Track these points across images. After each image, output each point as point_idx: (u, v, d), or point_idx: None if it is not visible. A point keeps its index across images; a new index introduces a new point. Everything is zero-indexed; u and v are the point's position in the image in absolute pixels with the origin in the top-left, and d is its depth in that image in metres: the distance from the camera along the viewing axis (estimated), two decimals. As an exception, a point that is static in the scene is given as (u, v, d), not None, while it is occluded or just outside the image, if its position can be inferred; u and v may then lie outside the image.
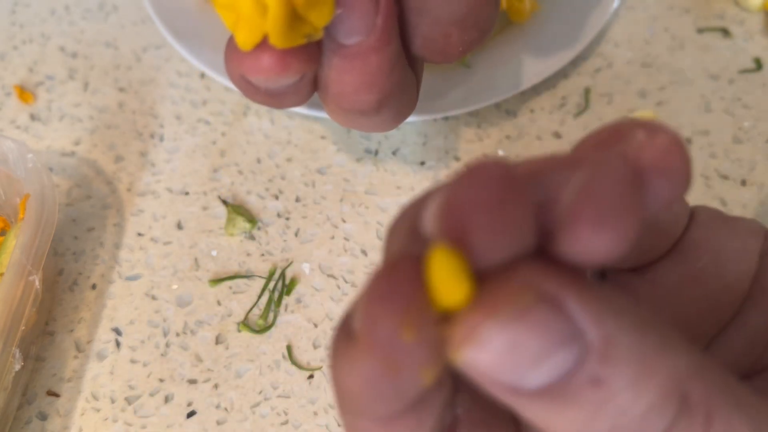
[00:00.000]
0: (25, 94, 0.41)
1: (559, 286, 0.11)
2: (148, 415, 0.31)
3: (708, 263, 0.17)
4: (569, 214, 0.11)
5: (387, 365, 0.12)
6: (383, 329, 0.11)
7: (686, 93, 0.39)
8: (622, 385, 0.11)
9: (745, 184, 0.36)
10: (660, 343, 0.12)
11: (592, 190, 0.11)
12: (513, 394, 0.12)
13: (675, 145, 0.12)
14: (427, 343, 0.11)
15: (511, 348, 0.11)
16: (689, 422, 0.12)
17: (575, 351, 0.11)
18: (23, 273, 0.29)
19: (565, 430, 0.12)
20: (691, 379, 0.12)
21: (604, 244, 0.11)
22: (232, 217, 0.36)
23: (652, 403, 0.11)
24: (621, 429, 0.12)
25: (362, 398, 0.13)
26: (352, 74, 0.22)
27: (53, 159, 0.39)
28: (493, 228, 0.11)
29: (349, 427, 0.14)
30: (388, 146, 0.38)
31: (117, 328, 0.34)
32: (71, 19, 0.44)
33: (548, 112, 0.39)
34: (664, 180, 0.12)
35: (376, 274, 0.12)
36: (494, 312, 0.11)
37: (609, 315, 0.11)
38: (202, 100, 0.41)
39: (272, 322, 0.33)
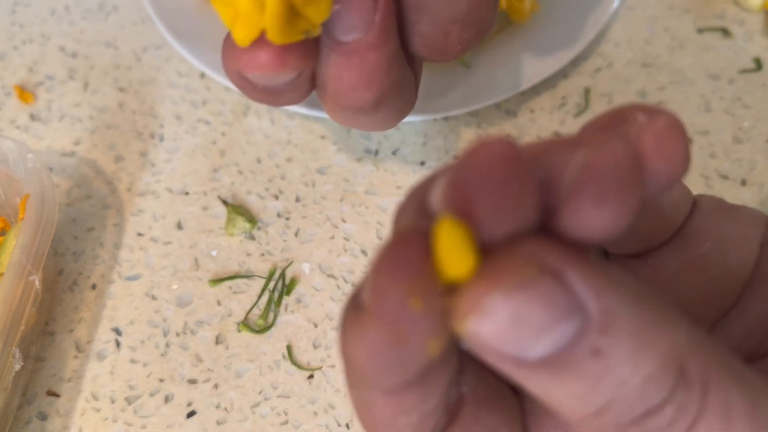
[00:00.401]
0: (25, 94, 0.41)
1: (561, 261, 0.12)
2: (148, 415, 0.31)
3: (709, 250, 0.17)
4: (571, 191, 0.12)
5: (394, 335, 0.12)
6: (391, 299, 0.12)
7: (686, 93, 0.39)
8: (622, 356, 0.12)
9: (745, 184, 0.36)
10: (659, 317, 0.12)
11: (593, 168, 0.12)
12: (515, 365, 0.12)
13: (674, 128, 0.13)
14: (434, 313, 0.12)
15: (515, 319, 0.11)
16: (687, 393, 0.12)
17: (576, 323, 0.11)
18: (23, 273, 0.29)
19: (566, 401, 0.12)
20: (689, 353, 0.12)
21: (603, 219, 0.12)
22: (232, 217, 0.36)
23: (650, 374, 0.12)
24: (620, 400, 0.12)
25: (369, 369, 0.13)
26: (350, 71, 0.22)
27: (53, 159, 0.39)
28: (497, 202, 0.11)
29: (356, 401, 0.15)
30: (388, 146, 0.38)
31: (117, 328, 0.34)
32: (71, 19, 0.44)
33: (548, 112, 0.39)
34: (663, 161, 0.13)
35: (385, 246, 0.12)
36: (498, 283, 0.11)
37: (609, 289, 0.12)
38: (202, 100, 0.41)
39: (272, 322, 0.33)
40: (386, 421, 0.14)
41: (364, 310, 0.13)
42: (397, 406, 0.14)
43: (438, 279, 0.12)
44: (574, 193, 0.12)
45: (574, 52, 0.39)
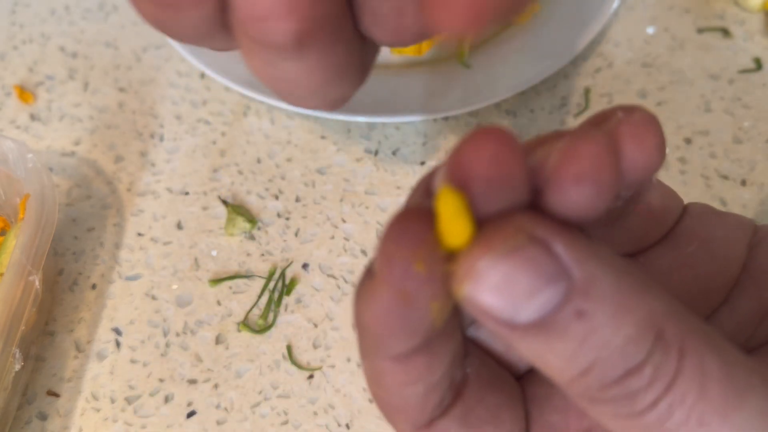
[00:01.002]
0: (25, 94, 0.41)
1: (548, 231, 0.13)
2: (148, 415, 0.31)
3: (697, 249, 0.18)
4: (554, 171, 0.13)
5: (401, 296, 0.13)
6: (397, 264, 0.13)
7: (686, 93, 0.39)
8: (603, 318, 0.13)
9: (745, 184, 0.36)
10: (638, 286, 0.13)
11: (573, 151, 0.13)
12: (508, 328, 0.13)
13: (648, 120, 0.14)
14: (435, 277, 0.13)
15: (505, 283, 0.12)
16: (664, 356, 0.13)
17: (562, 287, 0.13)
18: (23, 273, 0.29)
19: (555, 363, 0.13)
20: (666, 319, 0.13)
21: (583, 196, 0.13)
22: (232, 217, 0.36)
23: (629, 336, 0.13)
24: (603, 360, 0.13)
25: (379, 331, 0.14)
26: None
27: (53, 159, 0.39)
28: (491, 177, 0.13)
29: (368, 372, 0.16)
30: (388, 146, 0.38)
31: (117, 328, 0.34)
32: (71, 19, 0.44)
33: (548, 112, 0.39)
34: (638, 148, 0.14)
35: (392, 219, 0.14)
36: (490, 250, 0.13)
37: (592, 258, 0.13)
38: (202, 100, 0.41)
39: (272, 322, 0.33)
40: (395, 391, 0.16)
41: (374, 276, 0.14)
42: (405, 375, 0.15)
43: (440, 247, 0.13)
44: (556, 172, 0.13)
45: (574, 52, 0.39)
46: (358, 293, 0.15)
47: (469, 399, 0.17)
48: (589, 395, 0.13)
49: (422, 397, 0.16)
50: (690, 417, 0.13)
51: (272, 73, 0.19)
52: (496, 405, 0.17)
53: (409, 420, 0.16)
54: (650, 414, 0.13)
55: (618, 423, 0.14)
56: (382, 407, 0.17)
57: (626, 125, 0.14)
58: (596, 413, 0.14)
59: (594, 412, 0.14)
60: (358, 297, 0.15)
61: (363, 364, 0.16)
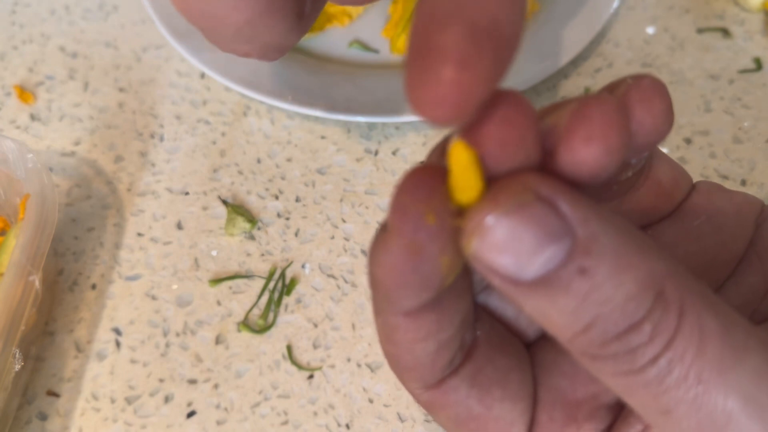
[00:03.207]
0: (25, 94, 0.41)
1: (554, 190, 0.13)
2: (148, 415, 0.31)
3: (704, 222, 0.19)
4: (565, 131, 0.14)
5: (412, 247, 0.14)
6: (410, 214, 0.13)
7: (686, 93, 0.39)
8: (605, 275, 0.13)
9: (745, 184, 0.36)
10: (640, 247, 0.13)
11: (583, 112, 0.14)
12: (513, 285, 0.13)
13: (657, 86, 0.15)
14: (446, 229, 0.13)
15: (510, 239, 0.13)
16: (664, 313, 0.13)
17: (565, 244, 0.13)
18: (23, 273, 0.29)
19: (558, 320, 0.14)
20: (666, 278, 0.13)
21: (593, 154, 0.14)
22: (232, 217, 0.36)
23: (630, 293, 0.13)
24: (605, 316, 0.13)
25: (390, 285, 0.14)
26: None
27: (53, 159, 0.39)
28: (503, 137, 0.13)
29: (381, 328, 0.16)
30: (388, 146, 0.38)
31: (117, 328, 0.34)
32: (71, 19, 0.44)
33: (548, 112, 0.39)
34: (646, 111, 0.15)
35: (407, 173, 0.14)
36: (496, 206, 0.13)
37: (595, 218, 0.13)
38: (202, 100, 0.41)
39: (272, 322, 0.33)
40: (406, 347, 0.16)
41: (387, 230, 0.14)
42: (416, 331, 0.16)
43: (451, 202, 0.13)
44: (567, 132, 0.14)
45: (574, 52, 0.39)
46: (372, 248, 0.15)
47: (478, 360, 0.17)
48: (590, 352, 0.14)
49: (433, 354, 0.16)
50: (689, 374, 0.13)
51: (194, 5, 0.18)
52: (504, 367, 0.17)
53: (419, 378, 0.17)
54: (650, 370, 0.13)
55: (619, 381, 0.14)
56: (393, 365, 0.17)
57: (635, 90, 0.15)
58: (597, 371, 0.14)
59: (595, 369, 0.14)
60: (372, 251, 0.15)
61: (376, 321, 0.16)
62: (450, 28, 0.12)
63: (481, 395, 0.17)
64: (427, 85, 0.12)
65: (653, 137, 0.15)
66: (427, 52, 0.12)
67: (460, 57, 0.12)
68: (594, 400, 0.17)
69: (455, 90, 0.12)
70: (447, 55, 0.12)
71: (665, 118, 0.15)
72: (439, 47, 0.12)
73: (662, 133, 0.15)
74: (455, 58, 0.12)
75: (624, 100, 0.15)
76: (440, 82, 0.12)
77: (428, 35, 0.12)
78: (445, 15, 0.12)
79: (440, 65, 0.12)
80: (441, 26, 0.12)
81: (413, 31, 0.13)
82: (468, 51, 0.12)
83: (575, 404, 0.17)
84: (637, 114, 0.15)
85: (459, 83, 0.12)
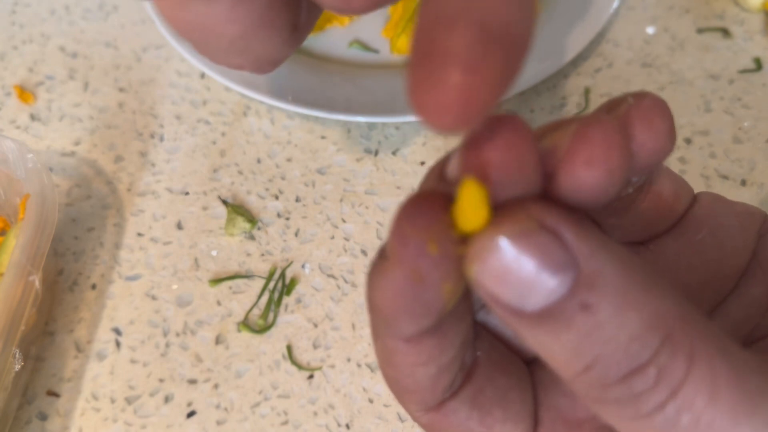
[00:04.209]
0: (25, 94, 0.41)
1: (559, 220, 0.13)
2: (148, 415, 0.31)
3: (706, 236, 0.18)
4: (565, 156, 0.13)
5: (413, 275, 0.13)
6: (411, 243, 0.13)
7: (686, 93, 0.39)
8: (608, 313, 0.12)
9: (745, 184, 0.36)
10: (646, 284, 0.13)
11: (584, 135, 0.13)
12: (516, 316, 0.13)
13: (658, 105, 0.15)
14: (448, 258, 0.13)
15: (512, 266, 0.12)
16: (672, 357, 0.13)
17: (569, 277, 0.12)
18: (23, 273, 0.29)
19: (560, 356, 0.13)
20: (675, 320, 0.13)
21: (594, 178, 0.13)
22: (232, 217, 0.36)
23: (634, 333, 0.13)
24: (607, 357, 0.13)
25: (392, 310, 0.14)
26: None
27: (53, 159, 0.39)
28: (506, 165, 0.13)
29: (381, 352, 0.16)
30: (388, 146, 0.38)
31: (117, 328, 0.34)
32: (71, 19, 0.44)
33: (548, 112, 0.39)
34: (648, 132, 0.14)
35: (407, 200, 0.14)
36: (500, 232, 0.12)
37: (601, 251, 0.13)
38: (202, 100, 0.41)
39: (272, 322, 0.33)
40: (407, 371, 0.16)
41: (387, 256, 0.14)
42: (417, 356, 0.15)
43: (453, 230, 0.13)
44: (568, 155, 0.13)
45: (574, 52, 0.39)
46: (370, 274, 0.15)
47: (478, 381, 0.17)
48: (593, 394, 0.13)
49: (433, 378, 0.16)
50: (699, 422, 0.13)
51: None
52: (504, 387, 0.17)
53: (419, 401, 0.17)
54: (656, 417, 0.13)
55: (625, 425, 0.13)
56: (393, 388, 0.17)
57: (636, 110, 0.15)
58: (603, 413, 0.14)
59: (599, 411, 0.14)
60: (370, 278, 0.15)
61: (375, 345, 0.16)
62: (457, 29, 0.11)
63: (482, 416, 0.17)
64: (432, 90, 0.11)
65: (655, 157, 0.15)
66: (433, 54, 0.11)
67: (468, 60, 0.11)
68: (595, 420, 0.17)
69: (462, 96, 0.11)
70: (454, 58, 0.11)
71: (667, 137, 0.15)
72: (445, 49, 0.11)
73: (664, 153, 0.15)
74: (463, 61, 0.11)
75: (625, 121, 0.14)
76: (446, 87, 0.11)
77: (434, 36, 0.11)
78: (451, 15, 0.11)
79: (446, 68, 0.11)
80: (447, 27, 0.11)
81: (417, 31, 0.12)
82: (476, 54, 0.11)
83: (576, 424, 0.17)
84: (638, 135, 0.14)
85: (466, 88, 0.11)
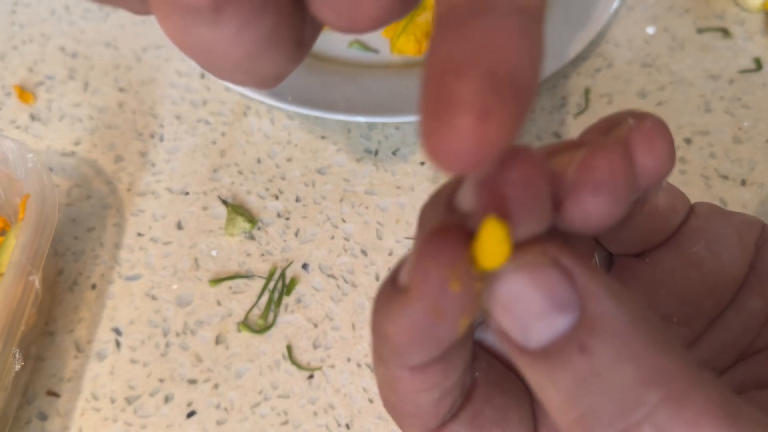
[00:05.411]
0: (25, 94, 0.41)
1: (573, 261, 0.13)
2: (148, 415, 0.31)
3: (703, 248, 0.18)
4: (573, 184, 0.14)
5: (434, 311, 0.13)
6: (433, 280, 0.13)
7: (686, 93, 0.39)
8: (607, 359, 0.12)
9: (745, 184, 0.36)
10: (652, 336, 0.13)
11: (590, 164, 0.14)
12: (520, 352, 0.13)
13: (659, 128, 0.15)
14: (469, 295, 0.13)
15: (518, 297, 0.13)
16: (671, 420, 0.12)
17: (571, 317, 0.13)
18: (23, 273, 0.29)
19: (556, 400, 0.13)
20: (679, 379, 0.12)
21: (601, 206, 0.14)
22: (232, 217, 0.36)
23: (631, 386, 0.12)
24: (602, 408, 0.13)
25: (406, 343, 0.14)
26: None
27: (53, 159, 0.39)
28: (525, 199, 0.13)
29: (383, 379, 0.16)
30: (388, 146, 0.38)
31: (117, 328, 0.34)
32: (71, 19, 0.44)
33: (548, 112, 0.39)
34: (650, 155, 0.15)
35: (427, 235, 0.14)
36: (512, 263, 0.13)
37: (609, 298, 0.13)
38: (202, 100, 0.41)
39: (272, 322, 0.33)
40: (410, 398, 0.16)
41: (404, 290, 0.14)
42: (421, 383, 0.15)
43: (473, 266, 0.14)
44: (575, 185, 0.14)
45: (574, 52, 0.39)
46: (380, 304, 0.15)
47: (477, 401, 0.17)
48: None
49: (436, 402, 0.16)
50: None
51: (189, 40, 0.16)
52: (503, 406, 0.17)
53: (421, 425, 0.17)
54: None
55: None
56: (393, 413, 0.17)
57: (638, 133, 0.15)
58: None
59: None
60: (380, 308, 0.15)
61: (377, 371, 0.16)
62: (468, 76, 0.11)
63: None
64: (446, 136, 0.11)
65: (656, 178, 0.15)
66: (444, 101, 0.11)
67: (480, 108, 0.11)
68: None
69: (476, 142, 0.11)
70: (466, 106, 0.11)
71: (668, 158, 0.15)
72: (457, 96, 0.11)
73: (665, 173, 0.15)
74: (475, 108, 0.11)
75: (627, 144, 0.15)
76: (460, 134, 0.11)
77: (445, 82, 0.11)
78: (461, 61, 0.11)
79: (459, 116, 0.11)
80: (458, 74, 0.11)
81: (427, 77, 0.12)
82: (488, 102, 0.11)
83: None
84: (640, 157, 0.15)
85: (480, 135, 0.11)
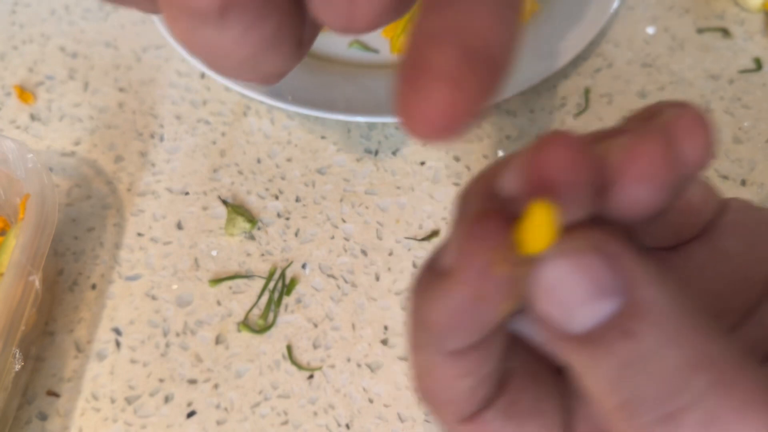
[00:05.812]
0: (25, 94, 0.41)
1: (622, 246, 0.13)
2: (148, 415, 0.31)
3: (736, 242, 0.18)
4: (617, 171, 0.14)
5: (477, 295, 0.14)
6: (478, 264, 0.13)
7: (686, 93, 0.39)
8: (653, 344, 0.12)
9: (745, 184, 0.36)
10: (699, 323, 0.13)
11: (635, 152, 0.14)
12: (562, 337, 0.13)
13: (700, 118, 0.15)
14: (511, 279, 0.14)
15: (562, 282, 0.13)
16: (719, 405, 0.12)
17: (616, 302, 0.13)
18: (23, 273, 0.29)
19: (599, 386, 0.13)
20: (728, 366, 0.13)
21: (646, 193, 0.14)
22: (232, 217, 0.36)
23: (679, 370, 0.12)
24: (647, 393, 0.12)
25: (444, 328, 0.14)
26: None
27: (53, 159, 0.39)
28: (573, 184, 0.13)
29: (419, 364, 0.16)
30: (388, 146, 0.38)
31: (117, 328, 0.34)
32: (71, 19, 0.44)
33: (548, 112, 0.39)
34: (692, 143, 0.15)
35: (470, 220, 0.14)
36: (557, 248, 0.13)
37: (657, 283, 0.13)
38: (202, 100, 0.41)
39: (272, 322, 0.33)
40: (446, 383, 0.16)
41: (445, 274, 0.14)
42: (458, 369, 0.15)
43: (517, 250, 0.14)
44: (620, 172, 0.14)
45: (574, 52, 0.39)
46: (420, 290, 0.15)
47: (512, 391, 0.17)
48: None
49: (472, 389, 0.16)
50: None
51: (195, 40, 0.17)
52: (538, 397, 0.17)
53: (455, 412, 0.17)
54: None
55: None
56: (428, 399, 0.17)
57: (681, 121, 0.15)
58: None
59: None
60: (419, 293, 0.15)
61: (413, 357, 0.16)
62: (444, 47, 0.12)
63: (517, 427, 0.17)
64: (418, 103, 0.12)
65: (697, 169, 0.15)
66: (420, 69, 0.12)
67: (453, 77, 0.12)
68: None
69: (446, 109, 0.12)
70: (439, 75, 0.12)
71: (709, 149, 0.15)
72: (432, 65, 0.12)
73: (705, 164, 0.15)
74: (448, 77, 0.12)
75: (669, 132, 0.15)
76: (431, 101, 0.12)
77: (422, 52, 0.12)
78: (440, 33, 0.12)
79: (432, 84, 0.12)
80: (435, 45, 0.12)
81: (408, 46, 0.13)
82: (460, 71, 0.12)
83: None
84: (683, 147, 0.15)
85: (450, 103, 0.12)
